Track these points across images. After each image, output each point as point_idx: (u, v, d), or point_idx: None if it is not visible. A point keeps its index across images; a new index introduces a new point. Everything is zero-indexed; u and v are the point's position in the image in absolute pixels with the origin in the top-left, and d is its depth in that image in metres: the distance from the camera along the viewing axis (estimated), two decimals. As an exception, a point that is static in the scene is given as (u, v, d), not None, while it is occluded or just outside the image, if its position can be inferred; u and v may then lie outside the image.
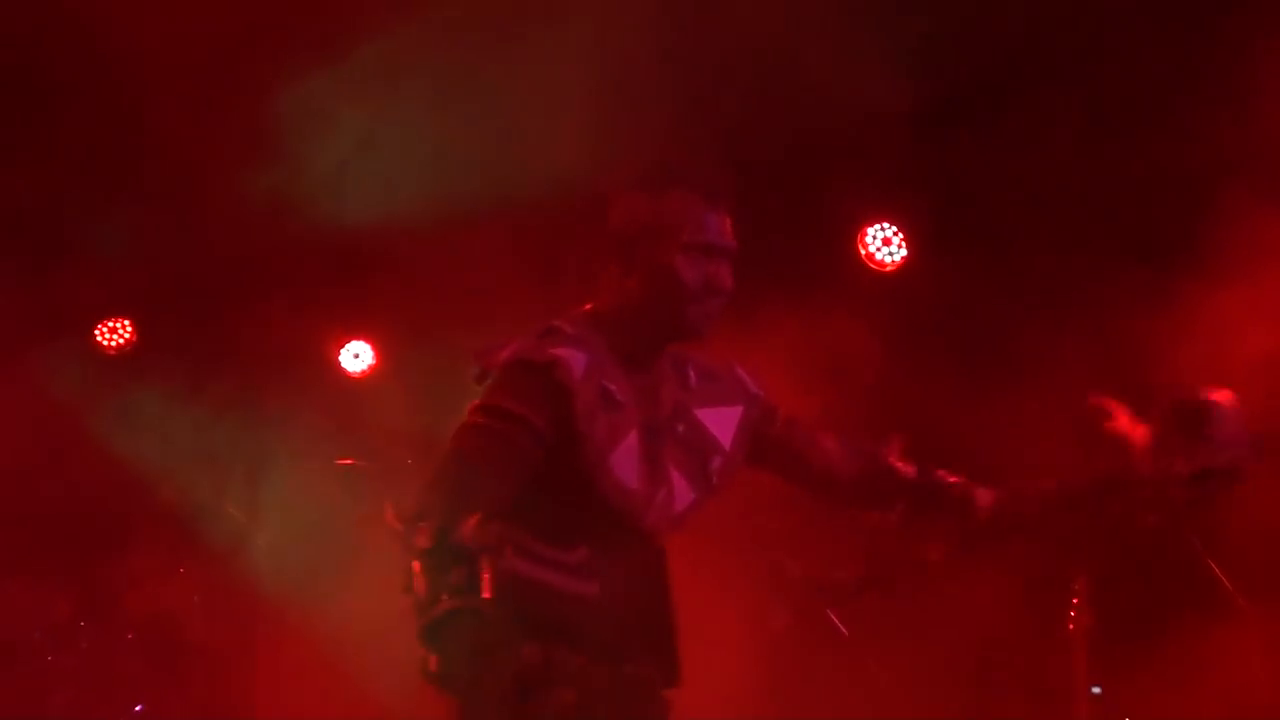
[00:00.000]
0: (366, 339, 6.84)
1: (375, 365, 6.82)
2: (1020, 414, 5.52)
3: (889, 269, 6.21)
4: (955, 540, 2.80)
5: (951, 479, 2.91)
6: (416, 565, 2.35)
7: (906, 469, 2.90)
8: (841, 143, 5.72)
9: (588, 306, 2.78)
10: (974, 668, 5.69)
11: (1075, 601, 5.02)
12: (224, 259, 6.48)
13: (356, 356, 6.83)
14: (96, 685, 6.38)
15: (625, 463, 2.65)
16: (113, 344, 6.88)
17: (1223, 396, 2.57)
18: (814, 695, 5.74)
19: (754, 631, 5.60)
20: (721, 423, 2.82)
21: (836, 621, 5.70)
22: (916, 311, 6.05)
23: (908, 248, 6.20)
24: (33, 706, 6.24)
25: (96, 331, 6.85)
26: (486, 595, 2.31)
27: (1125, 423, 2.73)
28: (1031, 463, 5.29)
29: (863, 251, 6.22)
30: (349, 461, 6.20)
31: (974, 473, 3.02)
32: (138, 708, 6.43)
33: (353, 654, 6.01)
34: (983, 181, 5.83)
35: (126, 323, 6.89)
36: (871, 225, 6.21)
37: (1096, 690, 5.01)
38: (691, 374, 2.84)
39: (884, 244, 6.22)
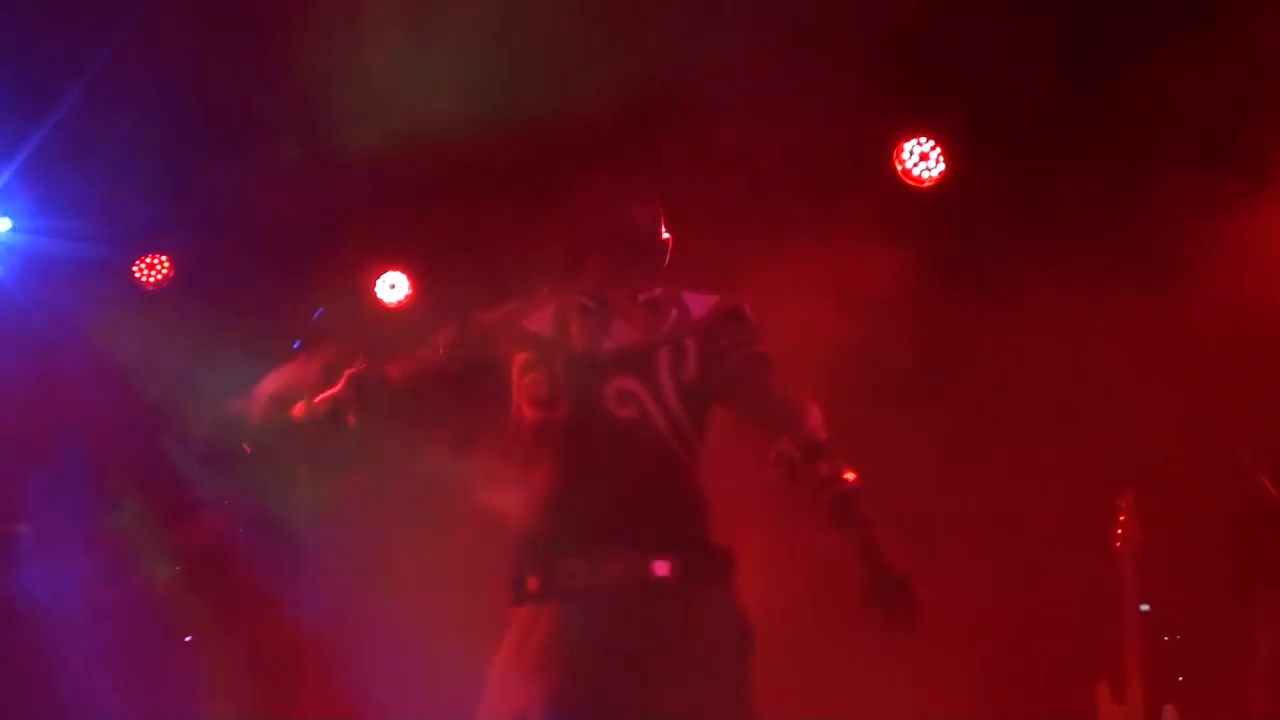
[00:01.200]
0: (402, 269, 6.81)
1: (411, 295, 6.81)
2: (1069, 335, 5.44)
3: (926, 185, 6.10)
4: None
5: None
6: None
7: None
8: (872, 53, 5.59)
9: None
10: (1022, 587, 5.66)
11: (1123, 519, 4.99)
12: (258, 191, 6.45)
13: (393, 287, 6.82)
14: (145, 617, 6.45)
15: None
16: (151, 280, 6.89)
17: None
18: (854, 615, 5.73)
19: (795, 553, 5.60)
20: None
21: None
22: (956, 229, 5.95)
23: (945, 162, 6.08)
24: (84, 638, 6.31)
25: (135, 268, 6.86)
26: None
27: None
28: (1083, 385, 5.27)
29: (899, 168, 6.11)
30: (387, 392, 6.18)
31: (1027, 398, 3.08)
32: (187, 638, 6.50)
33: (393, 581, 6.05)
34: (1023, 87, 5.69)
35: (164, 259, 6.89)
36: (908, 140, 6.10)
37: (1145, 608, 4.99)
38: None
39: (921, 159, 6.10)
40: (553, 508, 2.86)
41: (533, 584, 2.85)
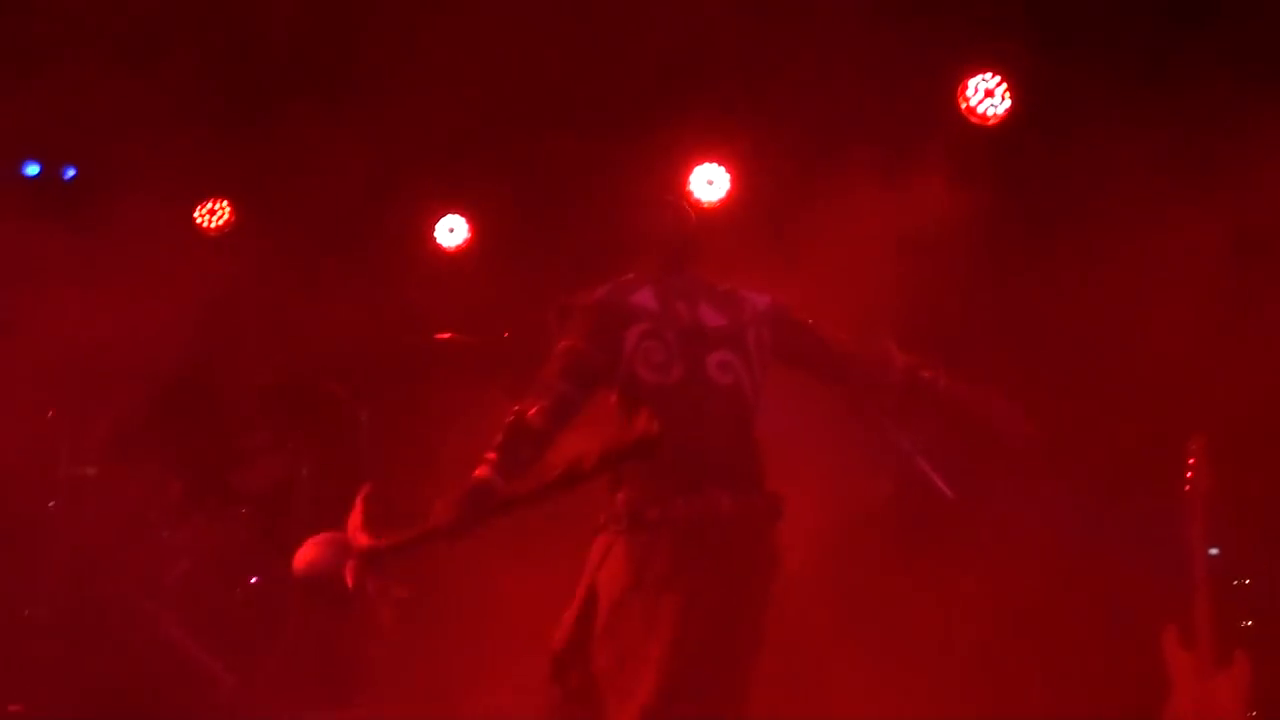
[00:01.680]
0: (461, 213, 6.81)
1: (470, 239, 6.80)
2: (1139, 276, 5.34)
3: (992, 123, 6.00)
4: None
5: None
6: None
7: None
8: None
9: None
10: (1091, 531, 5.61)
11: (1193, 463, 4.92)
12: (318, 136, 6.45)
13: (452, 231, 6.82)
14: (212, 560, 6.52)
15: None
16: (212, 225, 6.93)
17: None
18: (920, 556, 5.71)
19: (860, 497, 5.57)
20: None
21: (942, 485, 5.65)
22: (1022, 169, 5.85)
23: (1011, 99, 5.97)
24: (153, 580, 6.40)
25: (196, 213, 6.89)
26: None
27: None
28: (1154, 327, 5.17)
29: (963, 105, 6.00)
30: (447, 336, 6.20)
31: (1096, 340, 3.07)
32: (252, 580, 6.57)
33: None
34: (1091, 16, 5.55)
35: (225, 203, 6.92)
36: (973, 76, 5.99)
37: (1214, 552, 4.93)
38: None
39: (986, 96, 5.99)
40: (666, 454, 3.33)
41: (652, 514, 3.40)
